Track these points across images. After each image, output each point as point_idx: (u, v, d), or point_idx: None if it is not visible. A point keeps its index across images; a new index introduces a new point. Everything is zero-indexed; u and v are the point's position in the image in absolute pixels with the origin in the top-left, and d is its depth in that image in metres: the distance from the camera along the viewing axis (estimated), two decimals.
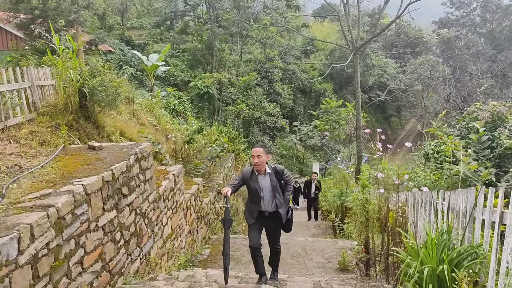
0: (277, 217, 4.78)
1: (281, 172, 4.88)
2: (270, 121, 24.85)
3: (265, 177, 4.79)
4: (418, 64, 35.86)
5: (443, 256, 2.83)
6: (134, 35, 29.13)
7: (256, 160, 4.69)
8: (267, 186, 4.77)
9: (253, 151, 4.81)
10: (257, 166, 4.71)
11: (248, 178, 4.80)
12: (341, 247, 6.88)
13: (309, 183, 13.50)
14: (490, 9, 42.88)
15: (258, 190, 4.72)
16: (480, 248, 2.89)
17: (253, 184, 4.75)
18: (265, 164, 4.78)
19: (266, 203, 4.76)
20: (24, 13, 10.36)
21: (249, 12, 29.30)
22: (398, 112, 43.46)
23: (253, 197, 4.80)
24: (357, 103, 14.02)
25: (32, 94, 6.34)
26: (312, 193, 13.17)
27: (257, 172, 4.77)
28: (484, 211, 3.04)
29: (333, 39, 35.27)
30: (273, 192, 4.76)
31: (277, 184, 4.78)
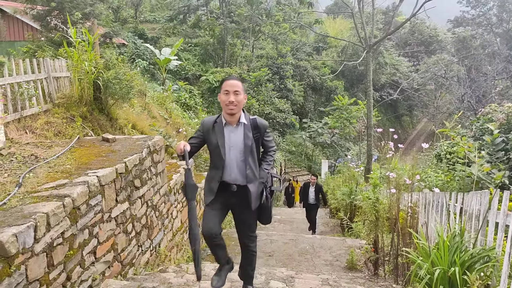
0: (246, 196, 3.28)
1: (263, 128, 3.30)
2: (280, 117, 24.80)
3: (236, 130, 3.25)
4: (432, 63, 35.44)
5: (455, 258, 2.82)
6: (147, 29, 29.23)
7: (232, 99, 3.11)
8: (237, 143, 3.23)
9: (226, 84, 3.18)
10: (231, 108, 3.14)
11: (209, 129, 3.27)
12: (350, 245, 6.88)
13: (306, 187, 10.71)
14: (507, 8, 42.08)
15: (221, 148, 3.19)
16: (492, 251, 2.88)
17: (216, 139, 3.23)
18: (241, 108, 3.24)
19: (232, 171, 3.24)
20: (41, 5, 10.46)
21: (261, 7, 29.18)
22: (410, 112, 43.05)
23: (215, 160, 3.29)
24: (369, 101, 13.93)
25: (48, 85, 6.42)
26: (311, 198, 10.41)
27: (225, 120, 3.25)
28: (498, 214, 3.02)
29: (346, 36, 35.01)
30: (245, 155, 3.22)
31: (253, 144, 3.25)
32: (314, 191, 10.41)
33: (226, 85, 3.16)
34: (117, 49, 16.97)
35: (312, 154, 27.78)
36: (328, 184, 15.06)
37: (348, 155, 22.19)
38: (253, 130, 3.25)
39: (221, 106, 3.22)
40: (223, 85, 3.19)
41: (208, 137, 3.27)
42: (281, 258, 6.33)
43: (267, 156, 3.43)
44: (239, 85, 3.18)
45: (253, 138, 3.25)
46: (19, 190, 3.24)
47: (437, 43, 42.16)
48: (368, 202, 5.42)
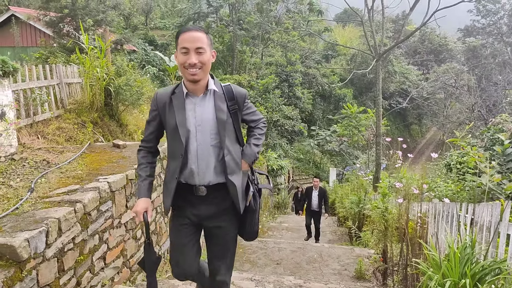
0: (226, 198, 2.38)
1: (240, 97, 2.42)
2: (288, 125, 24.83)
3: (203, 101, 2.34)
4: (441, 72, 35.27)
5: (466, 270, 2.79)
6: (157, 35, 29.55)
7: (193, 59, 2.21)
8: (206, 120, 2.32)
9: (183, 39, 2.24)
10: (193, 74, 2.23)
11: (165, 104, 2.36)
12: (358, 254, 6.83)
13: (309, 191, 9.93)
14: None
15: (181, 129, 2.28)
16: (504, 263, 2.84)
17: (174, 117, 2.31)
18: (208, 71, 2.33)
19: (201, 163, 2.32)
20: (54, 12, 10.65)
21: (271, 15, 29.37)
22: (419, 120, 42.81)
23: (173, 147, 2.35)
24: (378, 110, 13.89)
25: (60, 91, 6.52)
26: (314, 204, 9.63)
27: (187, 89, 2.34)
28: (510, 226, 2.99)
29: (355, 44, 35.04)
30: (219, 135, 2.31)
31: (229, 119, 2.35)
32: (318, 196, 9.61)
33: (184, 40, 2.21)
34: (127, 55, 17.17)
35: (320, 162, 27.73)
36: (336, 192, 15.01)
37: (356, 163, 22.09)
38: (227, 100, 2.35)
39: (179, 70, 2.32)
40: (179, 40, 2.23)
41: (164, 116, 2.34)
42: (289, 266, 6.31)
43: (255, 129, 2.54)
44: (203, 39, 2.22)
45: (228, 111, 2.33)
46: (31, 195, 3.29)
47: (447, 52, 42.01)
48: (377, 211, 5.39)
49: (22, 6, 17.28)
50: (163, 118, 2.38)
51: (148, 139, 2.50)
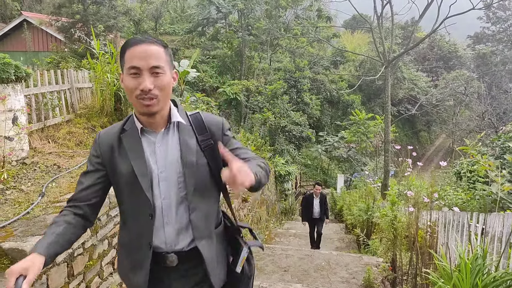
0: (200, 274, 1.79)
1: (217, 128, 1.82)
2: (296, 130, 24.81)
3: (165, 139, 1.74)
4: (451, 79, 35.06)
5: (477, 281, 2.76)
6: (167, 40, 29.74)
7: (147, 84, 1.58)
8: (171, 162, 1.71)
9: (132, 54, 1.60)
10: (147, 104, 1.61)
11: (111, 149, 1.74)
12: (366, 263, 6.78)
13: (309, 200, 9.57)
14: None
15: (141, 178, 1.67)
16: None
17: (127, 164, 1.69)
18: (169, 97, 1.72)
19: (167, 220, 1.73)
20: (66, 17, 10.79)
21: (280, 21, 29.47)
22: (428, 127, 42.52)
23: (131, 206, 1.77)
24: (387, 116, 13.84)
25: (71, 96, 6.59)
26: (315, 212, 9.41)
27: (141, 123, 1.73)
28: None
29: (364, 50, 35.00)
30: (186, 184, 1.70)
31: (201, 159, 1.74)
32: (319, 203, 9.40)
33: (133, 56, 1.58)
34: None
35: (328, 168, 27.65)
36: (344, 199, 14.94)
37: (364, 170, 21.99)
38: (197, 134, 1.74)
39: (128, 97, 1.75)
40: (126, 56, 1.60)
41: (112, 164, 1.70)
42: (297, 273, 6.27)
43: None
44: (160, 55, 1.61)
45: (200, 148, 1.71)
46: (42, 199, 3.32)
47: (456, 58, 41.77)
48: (386, 219, 5.35)
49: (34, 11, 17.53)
50: (109, 168, 1.71)
51: (80, 197, 1.71)
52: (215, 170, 1.75)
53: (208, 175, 1.75)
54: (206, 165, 1.74)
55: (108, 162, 1.73)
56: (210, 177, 1.76)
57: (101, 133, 1.82)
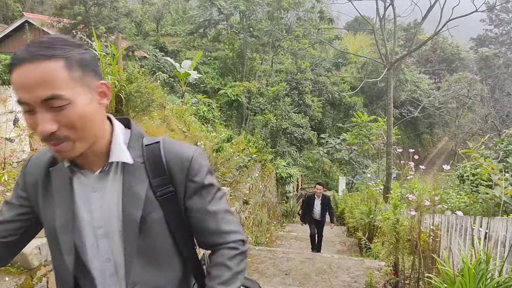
0: None
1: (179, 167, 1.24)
2: (297, 133, 24.78)
3: (105, 180, 1.20)
4: (453, 81, 34.99)
5: (481, 286, 2.72)
6: (168, 42, 29.82)
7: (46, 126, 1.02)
8: (108, 219, 1.20)
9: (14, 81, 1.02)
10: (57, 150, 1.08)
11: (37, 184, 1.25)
12: (368, 266, 6.73)
13: (310, 200, 9.25)
14: None
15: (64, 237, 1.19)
16: None
17: (51, 213, 1.21)
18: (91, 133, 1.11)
19: None
20: (68, 19, 10.80)
21: (282, 23, 29.48)
22: (430, 130, 42.42)
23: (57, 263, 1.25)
24: (389, 119, 13.79)
25: None
26: (316, 213, 9.09)
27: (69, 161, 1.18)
28: None
29: (366, 52, 34.96)
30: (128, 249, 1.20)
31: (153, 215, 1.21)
32: (321, 205, 9.06)
33: (16, 83, 1.03)
34: (138, 62, 17.33)
35: (329, 171, 27.60)
36: (345, 202, 14.89)
37: (366, 172, 21.93)
38: (151, 175, 1.24)
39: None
40: (12, 82, 1.05)
41: (37, 205, 1.28)
42: (298, 277, 6.23)
43: (221, 252, 1.30)
44: (53, 76, 1.02)
45: (154, 197, 1.23)
46: None
47: (459, 61, 41.68)
48: (388, 223, 5.31)
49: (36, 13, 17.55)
50: (36, 208, 1.27)
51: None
52: (176, 228, 1.26)
53: (164, 235, 1.24)
54: (161, 220, 1.23)
55: (34, 200, 1.26)
56: (168, 237, 1.25)
57: (33, 157, 1.31)
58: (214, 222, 1.28)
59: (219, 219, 1.29)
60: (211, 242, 1.32)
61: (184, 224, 1.29)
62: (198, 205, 1.27)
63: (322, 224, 9.21)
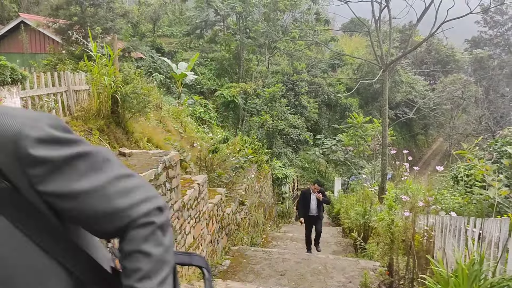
0: None
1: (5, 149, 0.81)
2: (293, 133, 24.83)
3: None
4: (448, 83, 35.20)
5: (474, 287, 2.75)
6: (165, 43, 29.78)
7: None
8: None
9: None
10: None
11: None
12: (363, 267, 6.76)
13: (306, 195, 9.14)
14: None
15: None
16: None
17: None
18: None
19: None
20: (63, 19, 10.77)
21: (278, 24, 29.54)
22: (425, 131, 42.64)
23: None
24: (384, 120, 13.85)
25: (67, 98, 6.56)
26: (312, 209, 8.98)
27: None
28: None
29: (362, 54, 35.08)
30: None
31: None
32: (317, 200, 8.95)
33: None
34: (135, 63, 17.31)
35: (325, 171, 27.64)
36: (341, 203, 14.92)
37: (362, 173, 22.00)
38: None
39: None
40: None
41: None
42: (293, 278, 6.25)
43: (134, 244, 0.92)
44: None
45: None
46: None
47: (454, 62, 41.93)
48: (383, 223, 5.34)
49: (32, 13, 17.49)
50: None
51: None
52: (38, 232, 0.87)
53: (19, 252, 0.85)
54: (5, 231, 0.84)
55: None
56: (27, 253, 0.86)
57: None
58: (101, 200, 0.89)
59: (109, 194, 0.90)
60: (111, 229, 0.93)
61: (50, 224, 0.89)
62: (64, 188, 0.87)
63: (319, 219, 9.05)
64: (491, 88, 31.75)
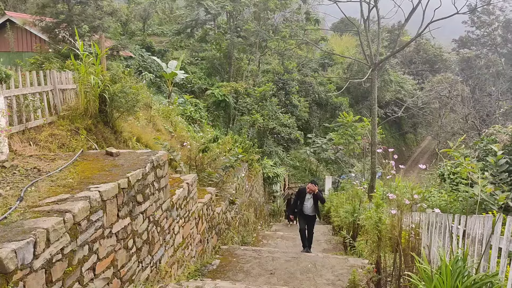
0: None
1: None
2: (284, 132, 24.88)
3: None
4: (436, 82, 35.55)
5: (457, 284, 2.78)
6: (155, 42, 29.59)
7: None
8: None
9: None
10: None
11: None
12: (352, 265, 6.80)
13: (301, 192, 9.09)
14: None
15: None
16: (495, 277, 2.84)
17: None
18: None
19: None
20: (50, 17, 10.63)
21: (268, 23, 29.53)
22: (414, 129, 43.07)
23: None
24: (373, 119, 13.94)
25: (53, 98, 6.48)
26: (307, 208, 8.88)
27: None
28: (501, 240, 2.99)
29: (351, 53, 35.26)
30: None
31: None
32: (313, 200, 8.83)
33: None
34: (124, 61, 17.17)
35: (316, 170, 27.72)
36: (331, 201, 14.99)
37: (352, 171, 22.13)
38: None
39: None
40: None
41: None
42: (283, 276, 6.26)
43: None
44: None
45: None
46: (20, 204, 3.25)
47: (441, 62, 42.38)
48: (371, 221, 5.38)
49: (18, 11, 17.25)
50: None
51: None
52: None
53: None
54: None
55: None
56: None
57: None
58: None
59: None
60: None
61: None
62: None
63: (314, 219, 9.04)
64: (477, 87, 32.13)
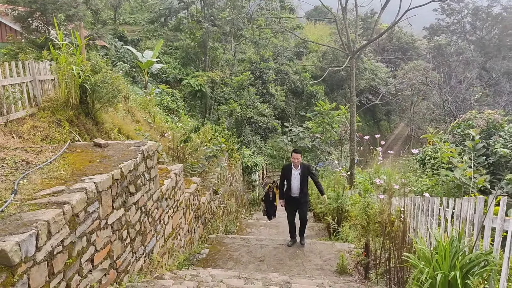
0: None
1: None
2: (262, 122, 24.91)
3: None
4: (408, 70, 36.31)
5: (455, 263, 2.90)
6: (127, 31, 28.88)
7: None
8: None
9: None
10: None
11: None
12: (339, 249, 6.95)
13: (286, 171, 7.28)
14: (480, 17, 43.57)
15: None
16: (490, 255, 2.97)
17: None
18: None
19: None
20: (23, 6, 10.19)
21: (243, 12, 29.30)
22: (388, 116, 43.94)
23: None
24: (352, 107, 14.13)
25: (33, 89, 6.28)
26: (294, 188, 7.07)
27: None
28: (495, 220, 3.13)
29: (326, 41, 35.45)
30: None
31: None
32: (300, 177, 7.05)
33: None
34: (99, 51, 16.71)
35: None
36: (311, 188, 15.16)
37: (329, 159, 22.42)
38: None
39: None
40: None
41: None
42: (272, 263, 6.34)
43: None
44: None
45: None
46: (15, 197, 3.15)
47: (413, 50, 43.26)
48: (358, 206, 5.51)
49: None
50: None
51: None
52: None
53: None
54: None
55: None
56: None
57: None
58: None
59: None
60: None
61: None
62: None
63: (304, 202, 7.24)
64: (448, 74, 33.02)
